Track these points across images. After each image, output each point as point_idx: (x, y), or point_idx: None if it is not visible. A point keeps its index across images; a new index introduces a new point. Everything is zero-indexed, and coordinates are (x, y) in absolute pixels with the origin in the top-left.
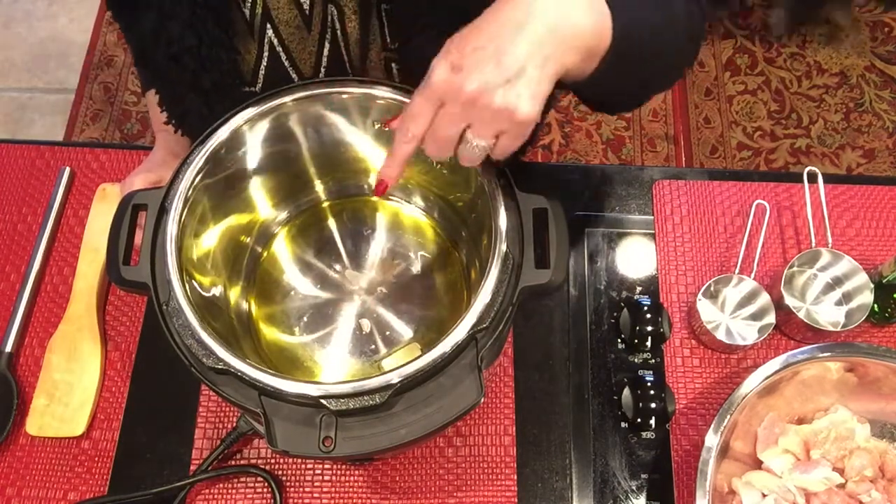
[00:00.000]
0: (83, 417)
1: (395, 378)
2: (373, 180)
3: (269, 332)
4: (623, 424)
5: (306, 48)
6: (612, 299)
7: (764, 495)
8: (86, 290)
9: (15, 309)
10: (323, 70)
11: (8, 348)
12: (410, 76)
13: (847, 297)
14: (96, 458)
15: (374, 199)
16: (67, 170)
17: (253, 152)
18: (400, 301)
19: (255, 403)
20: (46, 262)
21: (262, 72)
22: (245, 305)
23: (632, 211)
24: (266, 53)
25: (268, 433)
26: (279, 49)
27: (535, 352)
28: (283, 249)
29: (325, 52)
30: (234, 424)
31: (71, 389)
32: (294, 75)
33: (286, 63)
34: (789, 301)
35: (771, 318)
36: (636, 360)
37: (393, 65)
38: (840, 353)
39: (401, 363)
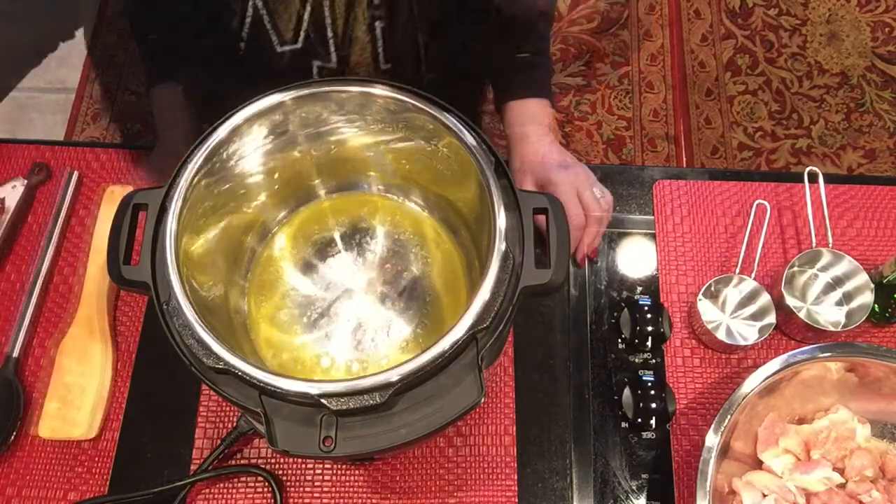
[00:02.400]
0: (96, 420)
1: (394, 377)
2: (373, 179)
3: (269, 332)
4: (623, 424)
5: (287, 10)
6: (613, 299)
7: (764, 495)
8: (95, 293)
9: (22, 314)
10: (303, 33)
11: (15, 353)
12: (393, 34)
13: (847, 298)
14: (96, 458)
15: (374, 197)
16: (76, 174)
17: (252, 151)
18: (400, 300)
19: (255, 403)
20: (54, 264)
21: (245, 32)
22: (245, 305)
23: (632, 211)
24: (249, 15)
25: (268, 433)
26: (262, 11)
27: (536, 352)
28: (282, 248)
29: (307, 12)
30: (235, 424)
31: (83, 392)
32: (274, 38)
33: (268, 25)
34: (790, 301)
35: (771, 319)
36: (636, 360)
37: (377, 23)
38: (840, 354)
39: (400, 362)
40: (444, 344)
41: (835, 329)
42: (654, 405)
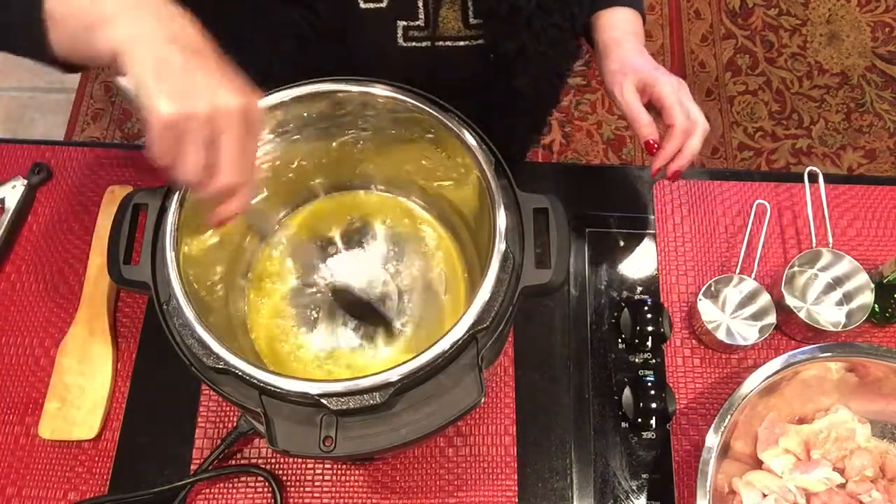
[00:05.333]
0: (96, 420)
1: (394, 376)
2: (373, 178)
3: (269, 332)
4: (623, 424)
5: None
6: (613, 299)
7: (764, 495)
8: (95, 293)
9: None
10: None
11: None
12: None
13: (848, 298)
14: (97, 458)
15: (374, 197)
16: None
17: None
18: (400, 300)
19: (255, 403)
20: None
21: None
22: (245, 305)
23: (632, 211)
24: None
25: (268, 433)
26: None
27: (536, 352)
28: (282, 248)
29: None
30: (235, 424)
31: (83, 392)
32: None
33: None
34: (790, 301)
35: (771, 318)
36: (637, 360)
37: None
38: (840, 354)
39: (400, 362)
40: (444, 344)
41: (835, 329)
42: (654, 405)
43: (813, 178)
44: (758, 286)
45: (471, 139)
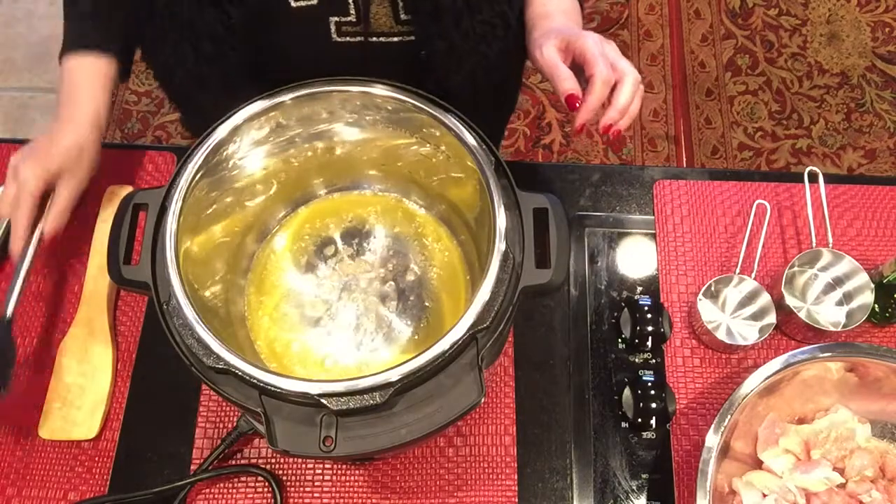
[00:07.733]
0: (96, 420)
1: (394, 376)
2: (373, 178)
3: (269, 332)
4: (623, 424)
5: None
6: (613, 299)
7: (764, 495)
8: (95, 293)
9: (16, 273)
10: None
11: (9, 314)
12: None
13: (848, 297)
14: (97, 458)
15: (374, 197)
16: None
17: (252, 151)
18: (400, 300)
19: (255, 403)
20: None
21: None
22: (245, 305)
23: (632, 211)
24: None
25: (268, 433)
26: None
27: (536, 352)
28: (282, 248)
29: None
30: (235, 424)
31: (83, 392)
32: None
33: None
34: (790, 301)
35: (771, 318)
36: (637, 360)
37: None
38: (841, 354)
39: (400, 362)
40: (444, 344)
41: (835, 329)
42: (654, 405)
43: (813, 177)
44: (758, 286)
45: (471, 139)
